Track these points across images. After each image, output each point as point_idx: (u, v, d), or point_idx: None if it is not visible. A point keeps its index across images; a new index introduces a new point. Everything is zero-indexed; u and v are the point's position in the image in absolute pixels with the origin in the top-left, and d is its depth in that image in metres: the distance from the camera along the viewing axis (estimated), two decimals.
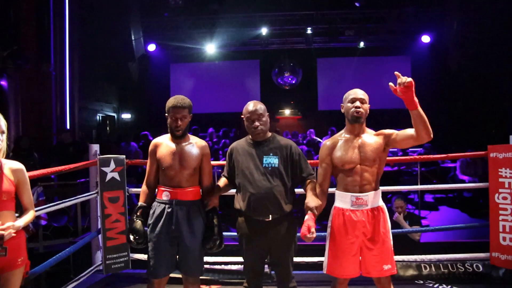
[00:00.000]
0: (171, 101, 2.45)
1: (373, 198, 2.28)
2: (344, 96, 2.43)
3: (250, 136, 2.50)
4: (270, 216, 2.36)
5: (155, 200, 2.48)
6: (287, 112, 12.70)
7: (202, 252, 2.48)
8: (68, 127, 7.75)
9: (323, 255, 2.42)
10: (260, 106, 2.44)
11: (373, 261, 2.27)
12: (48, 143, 7.10)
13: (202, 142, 2.54)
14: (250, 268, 2.51)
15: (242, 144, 2.52)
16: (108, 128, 12.27)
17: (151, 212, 2.45)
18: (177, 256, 2.47)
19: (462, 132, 9.50)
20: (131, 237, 2.38)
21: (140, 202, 2.48)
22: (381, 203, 2.34)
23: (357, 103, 2.30)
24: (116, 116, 12.75)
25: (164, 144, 2.46)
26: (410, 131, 2.21)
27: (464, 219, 5.96)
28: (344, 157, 2.29)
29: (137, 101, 12.49)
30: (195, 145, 2.49)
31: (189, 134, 2.53)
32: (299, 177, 2.47)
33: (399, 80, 2.06)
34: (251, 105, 2.45)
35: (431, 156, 4.24)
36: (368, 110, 2.38)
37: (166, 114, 2.47)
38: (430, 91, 10.81)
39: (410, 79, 2.04)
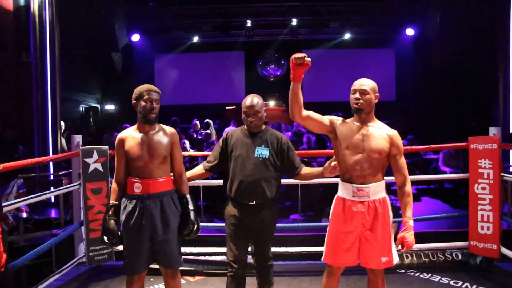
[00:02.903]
0: (143, 86, 2.43)
1: (375, 190, 2.26)
2: None
3: (245, 127, 2.65)
4: (255, 201, 2.53)
5: (125, 195, 2.39)
6: (271, 103, 12.71)
7: (179, 243, 2.46)
8: (49, 118, 7.58)
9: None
10: (258, 102, 2.58)
11: (371, 253, 2.27)
12: (29, 134, 6.93)
13: (171, 129, 2.50)
14: (234, 255, 2.57)
15: (238, 133, 2.66)
16: (91, 120, 12.08)
17: (122, 207, 2.38)
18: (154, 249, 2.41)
19: (445, 124, 9.66)
20: (105, 238, 2.34)
21: (112, 201, 2.42)
22: (384, 195, 2.31)
23: (357, 95, 2.29)
24: (99, 107, 12.56)
25: (130, 136, 2.41)
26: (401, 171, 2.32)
27: (445, 210, 6.08)
28: (347, 136, 2.29)
29: (121, 92, 12.30)
30: (163, 132, 2.45)
31: (156, 123, 2.47)
32: (288, 168, 2.65)
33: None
34: (248, 100, 2.58)
35: (414, 147, 4.29)
36: (375, 100, 2.32)
37: (135, 102, 2.41)
38: (413, 83, 10.98)
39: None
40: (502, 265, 3.59)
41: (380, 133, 2.28)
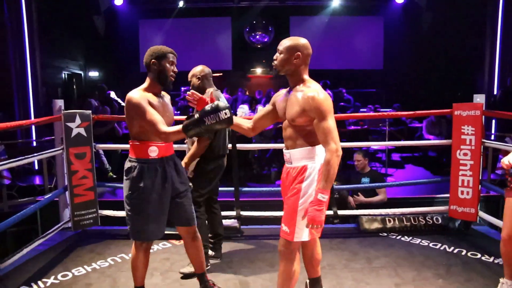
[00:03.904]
0: (165, 47, 2.28)
1: (296, 156, 2.09)
2: None
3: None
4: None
5: (138, 160, 2.25)
6: (258, 71, 12.53)
7: None
8: (30, 84, 7.37)
9: None
10: None
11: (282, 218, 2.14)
12: (9, 100, 6.75)
13: (167, 94, 2.44)
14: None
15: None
16: (74, 87, 11.78)
17: (136, 173, 2.23)
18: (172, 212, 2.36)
19: (431, 94, 9.71)
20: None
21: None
22: (305, 163, 2.06)
23: (276, 54, 2.11)
24: (83, 74, 12.22)
25: (150, 96, 2.25)
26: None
27: (428, 176, 6.22)
28: (278, 105, 2.20)
29: (105, 59, 11.97)
30: (167, 97, 2.40)
31: None
32: None
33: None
34: None
35: (399, 113, 4.33)
36: (295, 61, 2.06)
37: (154, 60, 2.24)
38: (401, 52, 10.91)
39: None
40: (479, 228, 3.73)
41: (297, 98, 2.04)
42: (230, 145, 3.37)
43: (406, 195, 5.20)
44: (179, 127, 2.09)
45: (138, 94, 2.18)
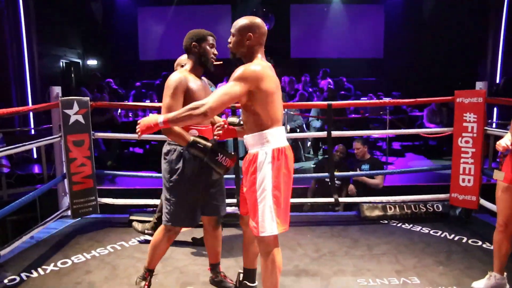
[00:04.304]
0: (204, 31, 2.27)
1: (248, 142, 1.99)
2: None
3: None
4: None
5: (174, 143, 2.21)
6: None
7: None
8: (27, 73, 7.30)
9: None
10: None
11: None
12: (6, 88, 6.68)
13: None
14: None
15: None
16: (73, 75, 11.69)
17: (174, 156, 2.20)
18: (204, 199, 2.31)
19: (431, 82, 9.64)
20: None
21: (192, 137, 2.15)
22: (256, 150, 1.94)
23: (230, 37, 2.05)
24: (81, 63, 12.12)
25: (191, 78, 2.21)
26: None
27: (429, 165, 6.20)
28: None
29: (103, 47, 11.86)
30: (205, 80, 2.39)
31: None
32: None
33: None
34: None
35: (400, 100, 4.29)
36: (248, 42, 1.99)
37: (195, 43, 2.21)
38: (402, 41, 10.80)
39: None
40: (480, 216, 3.71)
41: None
42: None
43: (406, 183, 5.19)
44: (185, 134, 2.12)
45: (177, 77, 2.17)
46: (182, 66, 2.93)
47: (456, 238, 3.24)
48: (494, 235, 2.35)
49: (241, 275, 2.32)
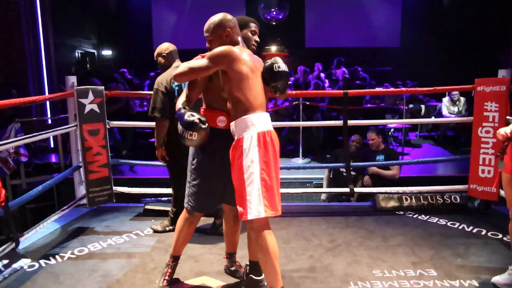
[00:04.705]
0: (247, 17, 2.25)
1: (234, 128, 2.01)
2: None
3: None
4: None
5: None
6: (273, 48, 12.31)
7: None
8: (43, 63, 7.38)
9: None
10: None
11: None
12: (23, 78, 6.78)
13: None
14: None
15: None
16: (88, 66, 11.79)
17: None
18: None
19: (449, 71, 9.43)
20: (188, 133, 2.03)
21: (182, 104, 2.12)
22: (240, 135, 1.96)
23: (207, 44, 2.15)
24: (96, 53, 12.22)
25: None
26: None
27: (446, 155, 6.08)
28: None
29: (118, 37, 11.92)
30: None
31: None
32: None
33: None
34: None
35: (418, 88, 4.18)
36: (225, 38, 2.05)
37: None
38: (419, 29, 10.57)
39: None
40: (500, 208, 3.61)
41: None
42: None
43: (423, 173, 5.11)
44: (181, 104, 2.10)
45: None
46: (164, 56, 3.02)
47: (475, 231, 3.17)
48: (510, 227, 2.30)
49: (248, 268, 2.32)
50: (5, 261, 2.55)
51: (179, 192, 2.97)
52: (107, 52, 12.44)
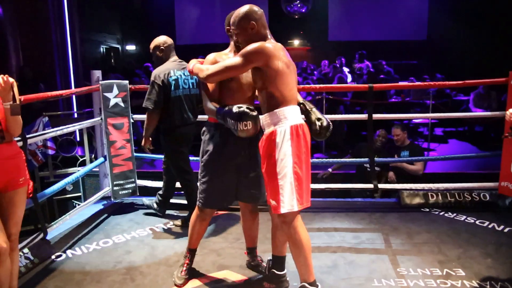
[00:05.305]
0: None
1: (264, 122, 1.99)
2: None
3: None
4: None
5: (213, 124, 2.17)
6: (296, 42, 12.20)
7: None
8: (70, 58, 7.54)
9: None
10: None
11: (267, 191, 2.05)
12: (50, 72, 6.95)
13: None
14: None
15: None
16: (112, 61, 12.00)
17: (208, 136, 2.19)
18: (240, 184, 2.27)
19: (478, 65, 9.11)
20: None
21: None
22: (272, 129, 1.93)
23: (234, 38, 2.12)
24: (120, 48, 12.41)
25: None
26: None
27: (475, 151, 5.88)
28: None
29: (141, 33, 12.06)
30: None
31: None
32: None
33: None
34: None
35: (447, 82, 4.02)
36: (250, 31, 1.99)
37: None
38: (446, 22, 10.22)
39: None
40: None
41: None
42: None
43: (450, 170, 4.96)
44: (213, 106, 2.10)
45: (212, 56, 2.18)
46: (161, 49, 3.06)
47: (506, 230, 3.05)
48: None
49: (271, 262, 2.30)
50: (34, 251, 2.62)
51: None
52: (130, 47, 12.63)
